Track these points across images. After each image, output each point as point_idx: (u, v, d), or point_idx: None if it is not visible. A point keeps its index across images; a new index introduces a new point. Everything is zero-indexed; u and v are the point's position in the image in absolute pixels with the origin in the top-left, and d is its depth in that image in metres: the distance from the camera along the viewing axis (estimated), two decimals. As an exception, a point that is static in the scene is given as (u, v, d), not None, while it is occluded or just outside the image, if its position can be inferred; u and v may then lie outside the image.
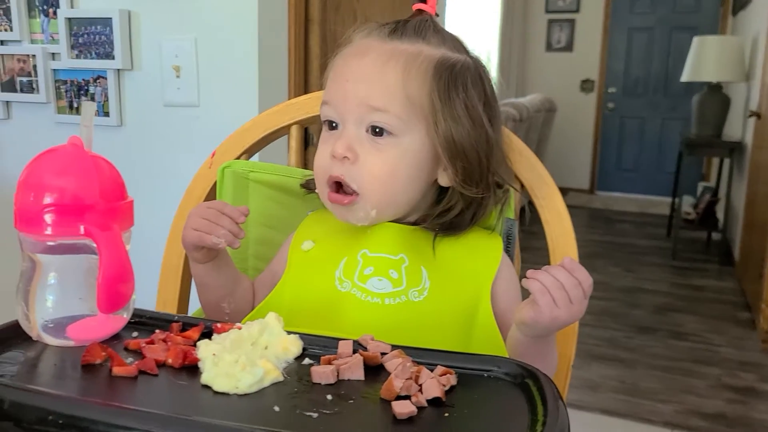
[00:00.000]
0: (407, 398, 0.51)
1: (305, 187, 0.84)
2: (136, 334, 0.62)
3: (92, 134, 0.60)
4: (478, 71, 0.75)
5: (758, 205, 3.31)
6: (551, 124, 5.43)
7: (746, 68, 4.05)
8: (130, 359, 0.56)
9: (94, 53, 1.49)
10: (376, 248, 0.74)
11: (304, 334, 0.61)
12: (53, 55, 1.55)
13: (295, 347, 0.60)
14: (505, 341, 0.71)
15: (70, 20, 1.49)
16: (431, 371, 0.55)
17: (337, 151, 0.70)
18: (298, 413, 0.49)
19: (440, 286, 0.73)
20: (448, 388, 0.54)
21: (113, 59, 1.47)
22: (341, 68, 0.74)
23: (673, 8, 5.89)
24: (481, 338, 0.71)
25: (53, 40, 1.54)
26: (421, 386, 0.53)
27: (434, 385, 0.53)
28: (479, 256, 0.76)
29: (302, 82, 1.60)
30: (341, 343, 0.60)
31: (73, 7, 1.51)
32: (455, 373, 0.56)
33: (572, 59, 6.30)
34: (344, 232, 0.77)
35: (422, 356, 0.59)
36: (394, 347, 0.60)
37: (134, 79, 1.49)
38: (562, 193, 0.87)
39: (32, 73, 1.56)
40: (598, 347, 2.77)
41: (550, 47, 6.38)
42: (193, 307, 0.94)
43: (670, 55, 5.95)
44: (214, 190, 0.95)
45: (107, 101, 1.50)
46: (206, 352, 0.56)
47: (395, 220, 0.76)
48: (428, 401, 0.52)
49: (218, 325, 0.62)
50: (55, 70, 1.55)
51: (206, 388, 0.53)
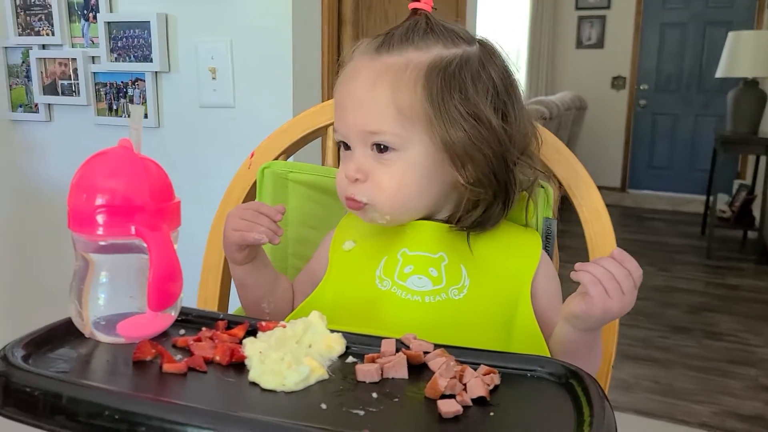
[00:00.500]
0: (452, 397, 0.52)
1: None
2: (183, 331, 0.63)
3: (141, 136, 0.61)
4: (481, 61, 0.72)
5: (797, 203, 3.24)
6: (581, 122, 5.38)
7: (784, 63, 3.96)
8: (178, 356, 0.57)
9: (132, 56, 1.51)
10: (415, 247, 0.75)
11: (346, 332, 0.62)
12: (93, 58, 1.58)
13: (338, 345, 0.60)
14: (546, 339, 0.71)
15: (109, 24, 1.52)
16: (474, 370, 0.55)
17: (348, 174, 0.73)
18: (344, 411, 0.50)
19: (480, 283, 0.73)
20: (492, 387, 0.54)
21: (151, 62, 1.49)
22: (339, 95, 0.75)
23: (706, 3, 5.78)
24: (520, 336, 0.72)
25: (93, 43, 1.58)
26: (465, 385, 0.53)
27: (479, 384, 0.53)
28: (518, 253, 0.76)
29: (335, 82, 1.61)
30: (384, 341, 0.60)
31: (112, 11, 1.54)
32: (498, 372, 0.56)
33: (603, 56, 6.22)
34: (383, 231, 0.78)
35: (465, 355, 0.59)
36: (436, 346, 0.60)
37: (171, 81, 1.52)
38: (594, 191, 0.87)
39: (73, 76, 1.59)
40: (631, 347, 2.74)
41: (580, 44, 6.32)
42: (233, 305, 0.96)
43: (703, 50, 5.85)
44: (253, 190, 0.96)
45: (145, 103, 1.53)
46: (253, 349, 0.57)
47: (425, 217, 0.77)
48: (473, 400, 0.52)
49: (263, 323, 0.63)
50: (95, 73, 1.58)
51: (254, 385, 0.54)
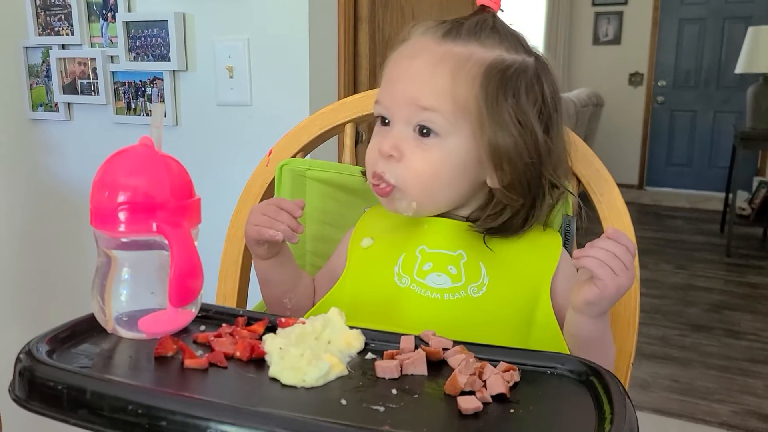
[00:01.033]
0: (472, 394, 0.52)
1: (365, 174, 0.85)
2: (203, 327, 0.64)
3: (162, 134, 0.62)
4: (536, 73, 0.73)
5: (819, 200, 3.19)
6: (598, 118, 5.34)
7: (805, 58, 3.91)
8: (199, 352, 0.58)
9: (150, 55, 1.53)
10: (434, 244, 0.75)
11: (365, 329, 0.62)
12: (112, 57, 1.59)
13: (357, 342, 0.61)
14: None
15: (127, 24, 1.53)
16: (494, 367, 0.55)
17: (383, 148, 0.72)
18: (364, 407, 0.50)
19: (499, 281, 0.73)
20: (512, 384, 0.54)
21: (169, 61, 1.50)
22: (394, 69, 0.74)
23: (726, -2, 5.72)
24: (540, 335, 0.71)
25: (112, 43, 1.59)
26: (485, 382, 0.53)
27: (499, 381, 0.53)
28: (538, 251, 0.76)
29: (352, 80, 1.61)
30: (403, 338, 0.60)
31: (130, 11, 1.55)
32: (518, 369, 0.56)
33: (620, 52, 6.17)
34: (402, 228, 0.78)
35: (484, 352, 0.59)
36: (455, 343, 0.60)
37: (189, 79, 1.53)
38: (612, 188, 0.86)
39: (92, 75, 1.61)
40: (649, 345, 2.72)
41: (597, 40, 6.27)
42: (251, 301, 0.96)
43: (723, 46, 5.78)
44: (271, 187, 0.97)
45: (163, 102, 1.54)
46: (273, 345, 0.57)
47: (445, 213, 0.77)
48: (492, 397, 0.52)
49: (282, 319, 0.63)
50: (113, 72, 1.59)
51: (274, 381, 0.54)
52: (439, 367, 0.58)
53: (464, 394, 0.52)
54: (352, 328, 0.61)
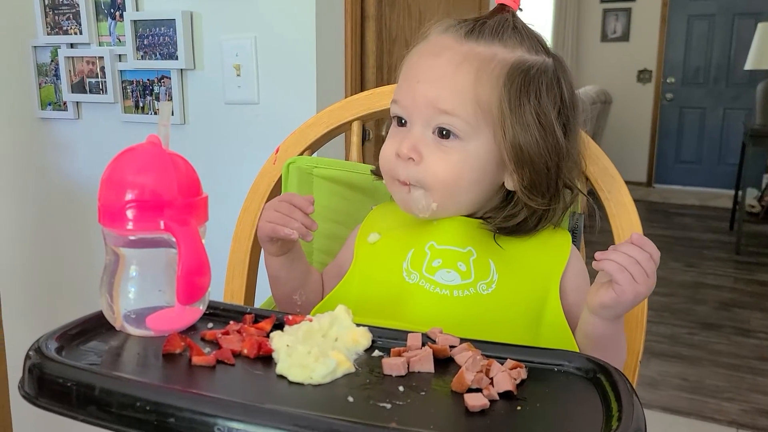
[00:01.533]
0: (479, 391, 0.52)
1: (375, 173, 0.85)
2: (211, 325, 0.64)
3: (169, 133, 0.62)
4: (556, 74, 0.73)
5: (829, 197, 3.17)
6: (606, 116, 5.31)
7: (816, 54, 3.88)
8: (207, 349, 0.58)
9: (158, 54, 1.53)
10: (443, 241, 0.75)
11: (372, 326, 0.62)
12: (120, 56, 1.60)
13: (364, 339, 0.60)
14: (574, 334, 0.70)
15: (135, 22, 1.53)
16: (501, 365, 0.55)
17: (402, 151, 0.71)
18: (371, 404, 0.50)
19: (508, 279, 0.73)
20: (519, 381, 0.54)
21: (176, 59, 1.51)
22: (414, 67, 0.74)
23: (735, -7, 5.68)
24: (549, 332, 0.71)
25: (120, 42, 1.60)
26: (492, 379, 0.53)
27: (506, 378, 0.53)
28: (547, 250, 0.76)
29: (359, 78, 1.61)
30: (410, 335, 0.60)
31: (138, 10, 1.55)
32: (525, 366, 0.56)
33: (629, 49, 6.14)
34: (410, 224, 0.77)
35: (491, 349, 0.59)
36: (462, 340, 0.60)
37: (196, 78, 1.53)
38: (620, 186, 0.86)
39: (100, 74, 1.62)
40: (658, 344, 2.71)
41: (605, 37, 6.24)
42: (259, 299, 0.97)
43: (732, 42, 5.74)
44: (278, 185, 0.97)
45: (171, 100, 1.54)
46: (280, 343, 0.58)
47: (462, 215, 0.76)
48: (499, 394, 0.52)
49: (289, 317, 0.63)
50: (121, 71, 1.60)
51: (281, 378, 0.54)
52: (446, 364, 0.58)
53: (471, 391, 0.52)
54: (359, 325, 0.61)
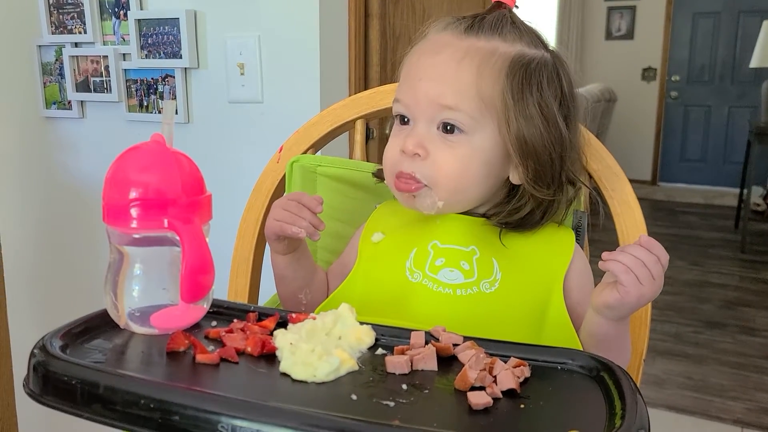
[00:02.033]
0: (482, 389, 0.52)
1: (376, 175, 0.85)
2: (215, 323, 0.64)
3: (173, 131, 0.62)
4: (555, 68, 0.74)
5: (835, 195, 3.15)
6: (611, 114, 5.30)
7: (822, 52, 3.86)
8: (211, 347, 0.58)
9: (162, 53, 1.53)
10: (446, 239, 0.75)
11: (376, 324, 0.62)
12: (124, 55, 1.60)
13: (368, 337, 0.61)
14: (578, 332, 0.70)
15: (139, 21, 1.54)
16: (504, 363, 0.55)
17: (407, 147, 0.71)
18: (375, 402, 0.50)
19: (512, 277, 0.73)
20: (522, 379, 0.54)
21: (180, 58, 1.51)
22: (415, 66, 0.74)
23: (741, -9, 5.66)
24: (553, 331, 0.71)
25: (124, 41, 1.60)
26: (495, 377, 0.53)
27: (509, 376, 0.53)
28: (551, 248, 0.76)
29: (362, 76, 1.61)
30: (414, 333, 0.60)
31: (142, 8, 1.55)
32: (528, 365, 0.56)
33: (633, 47, 6.12)
34: (413, 223, 0.77)
35: (494, 348, 0.59)
36: (466, 338, 0.60)
37: (200, 77, 1.53)
38: (624, 184, 0.85)
39: (104, 73, 1.62)
40: (662, 342, 2.70)
41: (609, 35, 6.23)
42: (263, 297, 0.97)
43: (737, 40, 5.72)
44: (282, 184, 0.97)
45: (175, 99, 1.55)
46: (283, 341, 0.58)
47: (463, 212, 0.76)
48: (503, 393, 0.52)
49: (293, 315, 0.63)
50: (126, 70, 1.60)
51: (284, 376, 0.54)
52: (449, 362, 0.58)
53: (474, 389, 0.52)
54: (362, 323, 0.61)
